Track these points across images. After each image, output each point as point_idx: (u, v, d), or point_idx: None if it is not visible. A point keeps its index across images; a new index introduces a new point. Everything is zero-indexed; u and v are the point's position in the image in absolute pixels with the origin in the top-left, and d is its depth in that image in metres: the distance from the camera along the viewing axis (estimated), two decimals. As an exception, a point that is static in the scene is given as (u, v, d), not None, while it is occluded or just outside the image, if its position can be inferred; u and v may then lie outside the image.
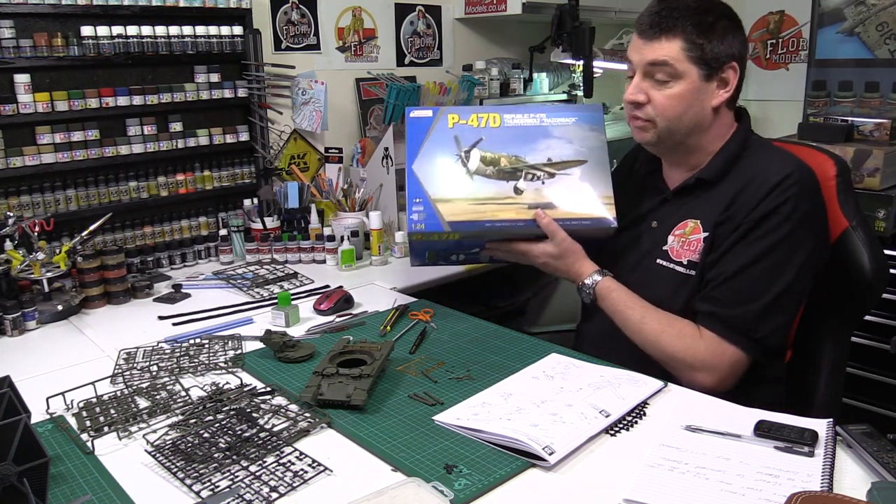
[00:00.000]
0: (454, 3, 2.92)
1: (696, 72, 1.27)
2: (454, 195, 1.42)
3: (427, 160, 1.45)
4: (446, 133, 1.47)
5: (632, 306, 1.35)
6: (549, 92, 3.17)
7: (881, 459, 0.95)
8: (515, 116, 1.47)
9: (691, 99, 1.29)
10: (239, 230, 2.13)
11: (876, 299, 1.40)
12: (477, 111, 1.49)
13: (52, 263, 1.72)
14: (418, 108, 1.51)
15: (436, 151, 1.46)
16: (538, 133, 1.46)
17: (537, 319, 2.55)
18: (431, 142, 1.46)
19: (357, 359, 1.29)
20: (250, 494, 0.94)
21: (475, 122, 1.47)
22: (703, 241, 1.31)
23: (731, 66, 1.29)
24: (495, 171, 1.43)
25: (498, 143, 1.45)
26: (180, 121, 2.11)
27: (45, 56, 1.84)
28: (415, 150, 1.46)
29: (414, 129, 1.48)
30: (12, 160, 1.82)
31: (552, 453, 0.99)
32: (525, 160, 1.44)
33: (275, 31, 2.40)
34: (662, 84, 1.29)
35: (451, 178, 1.43)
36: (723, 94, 1.31)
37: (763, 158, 1.32)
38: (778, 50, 3.23)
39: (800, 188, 1.24)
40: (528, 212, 1.41)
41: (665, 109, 1.30)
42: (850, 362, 1.46)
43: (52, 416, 1.19)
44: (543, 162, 1.44)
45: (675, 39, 1.27)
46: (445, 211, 1.41)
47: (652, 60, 1.29)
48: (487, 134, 1.46)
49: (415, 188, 1.43)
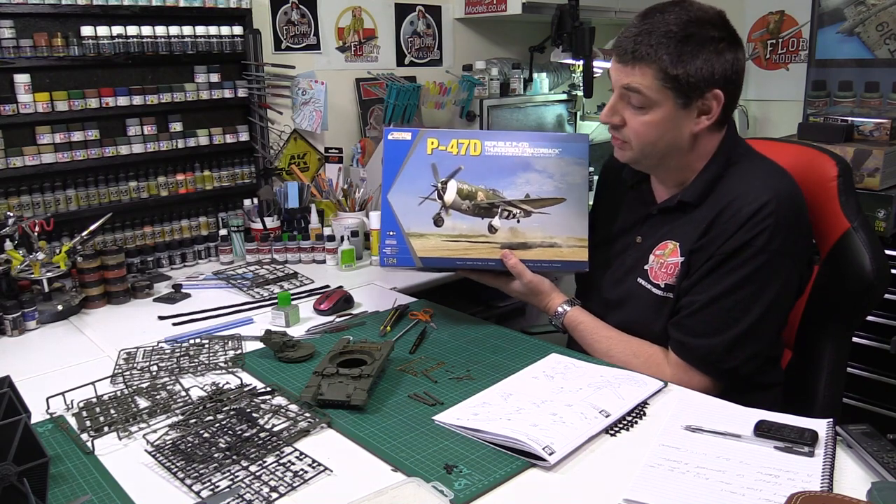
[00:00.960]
0: (454, 3, 2.92)
1: (671, 99, 1.22)
2: (427, 230, 1.42)
3: (402, 190, 1.44)
4: (424, 160, 1.44)
5: (598, 338, 1.38)
6: (549, 92, 3.17)
7: (881, 459, 0.95)
8: (497, 144, 1.44)
9: (666, 126, 1.25)
10: (239, 230, 2.13)
11: (877, 300, 1.40)
12: (458, 137, 1.46)
13: (52, 263, 1.72)
14: (397, 130, 1.47)
15: (412, 180, 1.44)
16: (519, 165, 1.44)
17: (537, 319, 2.55)
18: (408, 169, 1.44)
19: (357, 359, 1.29)
20: (250, 494, 0.94)
21: (455, 149, 1.44)
22: (680, 265, 1.30)
23: (712, 93, 1.22)
24: (471, 207, 1.42)
25: (477, 174, 1.43)
26: (180, 121, 2.11)
27: (45, 56, 1.84)
28: (391, 177, 1.44)
29: (391, 153, 1.45)
30: (12, 160, 1.82)
31: (552, 453, 0.99)
32: (503, 195, 1.43)
33: (275, 31, 2.40)
34: (637, 109, 1.25)
35: (426, 212, 1.43)
36: (703, 122, 1.25)
37: (743, 181, 1.27)
38: (778, 50, 3.23)
39: (776, 219, 1.20)
40: (500, 251, 1.42)
41: (638, 135, 1.27)
42: (850, 362, 1.46)
43: (52, 416, 1.19)
44: (521, 198, 1.42)
45: (648, 68, 1.21)
46: (418, 246, 1.42)
47: (626, 85, 1.25)
48: (467, 163, 1.44)
49: (389, 220, 1.43)
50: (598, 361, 1.32)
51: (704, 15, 1.23)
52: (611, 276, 1.44)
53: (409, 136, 1.45)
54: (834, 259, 1.37)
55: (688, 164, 1.32)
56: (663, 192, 1.39)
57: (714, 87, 1.23)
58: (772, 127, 3.29)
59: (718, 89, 1.23)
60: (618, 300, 1.40)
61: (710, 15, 1.24)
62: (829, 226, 1.36)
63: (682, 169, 1.33)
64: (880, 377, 2.35)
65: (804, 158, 1.43)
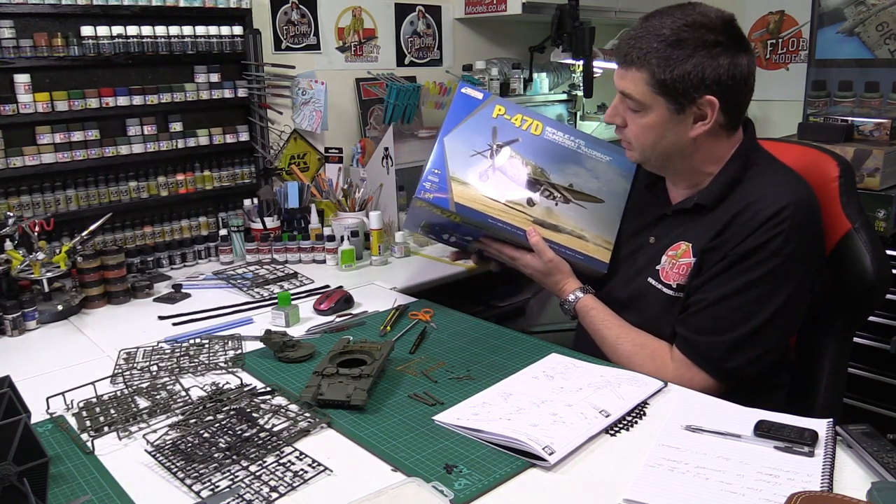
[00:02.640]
0: (454, 3, 2.92)
1: (663, 104, 1.23)
2: (471, 181, 1.42)
3: (460, 139, 1.45)
4: (488, 121, 1.47)
5: (609, 325, 1.37)
6: (549, 92, 3.17)
7: (881, 459, 0.95)
8: (557, 133, 1.48)
9: (662, 130, 1.26)
10: (239, 230, 2.13)
11: (879, 301, 1.40)
12: (524, 113, 1.49)
13: (52, 263, 1.72)
14: (471, 87, 1.50)
15: (471, 134, 1.45)
16: (571, 157, 1.47)
17: (537, 319, 2.55)
18: (471, 123, 1.46)
19: (357, 359, 1.29)
20: (250, 494, 0.94)
21: (518, 122, 1.47)
22: (692, 265, 1.30)
23: (704, 99, 1.21)
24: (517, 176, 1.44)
25: (530, 151, 1.46)
26: (180, 121, 2.11)
27: (45, 56, 1.84)
28: (452, 124, 1.46)
29: (459, 105, 1.47)
30: (12, 160, 1.82)
31: (552, 453, 0.99)
32: (549, 177, 1.45)
33: (275, 31, 2.40)
34: (634, 112, 1.28)
35: (475, 165, 1.43)
36: (700, 128, 1.25)
37: (761, 184, 1.27)
38: (778, 50, 3.23)
39: (792, 223, 1.20)
40: (530, 224, 1.43)
41: (637, 137, 1.30)
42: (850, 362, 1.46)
43: (52, 416, 1.19)
44: (565, 185, 1.44)
45: (639, 73, 1.23)
46: (457, 192, 1.41)
47: (621, 90, 1.28)
48: (525, 137, 1.46)
49: (438, 159, 1.43)
50: (598, 361, 1.32)
51: (704, 19, 1.21)
52: (622, 276, 1.44)
53: (481, 96, 1.48)
54: (835, 260, 1.37)
55: (696, 167, 1.32)
56: (678, 194, 1.40)
57: (706, 93, 1.21)
58: (772, 127, 3.28)
59: (712, 95, 1.21)
60: (628, 300, 1.40)
61: (710, 18, 1.22)
62: (831, 226, 1.36)
63: (692, 172, 1.33)
64: (880, 377, 2.35)
65: (806, 159, 1.43)
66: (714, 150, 1.30)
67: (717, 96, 1.22)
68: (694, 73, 1.20)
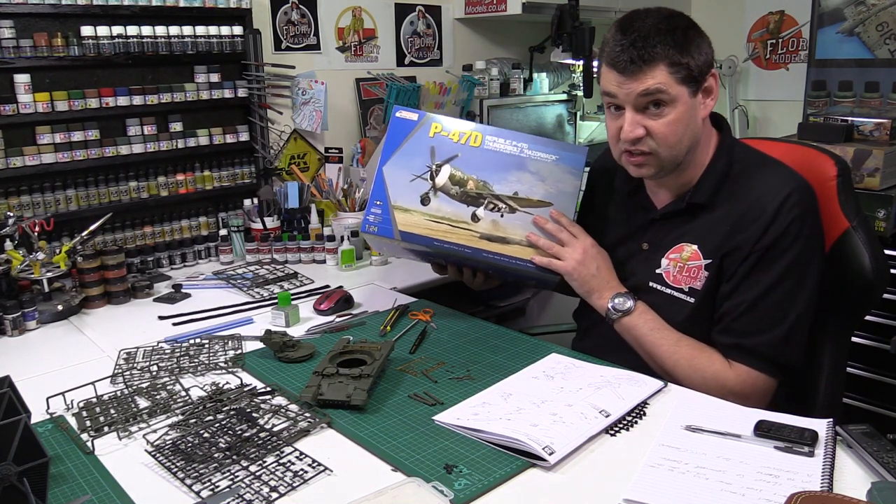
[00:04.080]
0: (454, 3, 2.92)
1: (685, 92, 1.24)
2: (413, 207, 1.43)
3: (398, 164, 1.46)
4: (425, 141, 1.46)
5: (669, 328, 1.31)
6: (549, 92, 3.17)
7: (881, 459, 0.95)
8: (497, 140, 1.45)
9: (687, 119, 1.25)
10: (239, 230, 2.13)
11: (877, 300, 1.40)
12: (461, 126, 1.47)
13: (52, 263, 1.72)
14: (405, 110, 1.50)
15: (410, 158, 1.46)
16: (514, 163, 1.44)
17: (537, 319, 2.56)
18: (408, 147, 1.46)
19: (357, 359, 1.29)
20: (250, 494, 0.94)
21: (456, 137, 1.45)
22: (705, 268, 1.29)
23: (711, 73, 1.27)
24: (459, 193, 1.43)
25: (472, 164, 1.44)
26: (180, 121, 2.11)
27: (45, 56, 1.85)
28: (389, 151, 1.47)
29: (395, 130, 1.48)
30: (12, 160, 1.82)
31: (552, 453, 0.99)
32: (492, 188, 1.43)
33: (275, 31, 2.40)
34: (657, 112, 1.24)
35: (415, 191, 1.44)
36: (710, 103, 1.29)
37: (758, 178, 1.29)
38: (778, 50, 3.23)
39: (801, 207, 1.23)
40: (479, 240, 1.42)
41: (667, 137, 1.25)
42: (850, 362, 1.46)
43: (52, 416, 1.19)
44: (509, 194, 1.43)
45: (659, 66, 1.21)
46: (401, 220, 1.43)
47: (643, 91, 1.22)
48: (465, 152, 1.45)
49: (379, 190, 1.46)
50: (598, 361, 1.32)
51: (672, 11, 1.27)
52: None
53: (416, 117, 1.48)
54: (834, 259, 1.37)
55: (695, 158, 1.32)
56: (663, 198, 1.38)
57: (712, 67, 1.27)
58: (772, 127, 3.28)
59: (713, 69, 1.28)
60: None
61: (674, 10, 1.27)
62: (829, 225, 1.36)
63: (690, 167, 1.32)
64: (880, 377, 2.35)
65: (804, 158, 1.43)
66: (706, 135, 1.33)
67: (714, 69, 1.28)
68: (703, 51, 1.25)
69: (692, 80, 1.24)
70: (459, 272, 1.54)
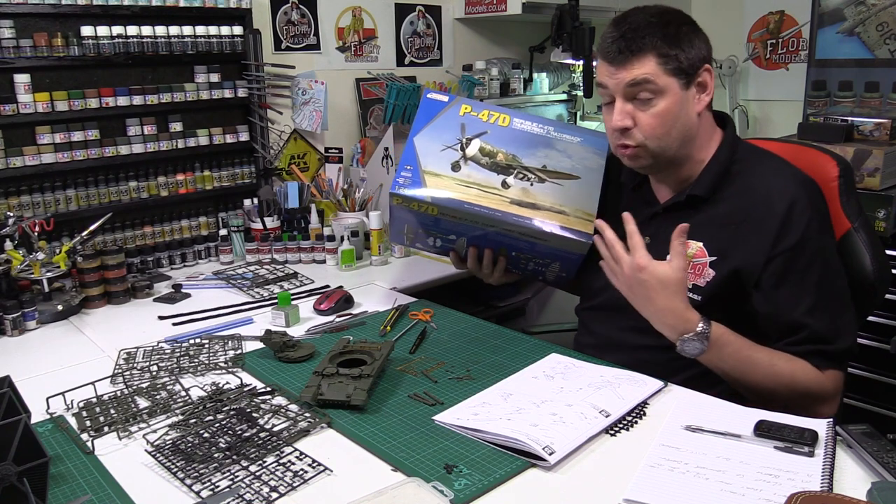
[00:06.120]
0: (454, 3, 2.92)
1: (675, 83, 1.25)
2: (443, 172, 1.44)
3: (429, 137, 1.48)
4: (455, 119, 1.49)
5: (756, 346, 1.22)
6: (549, 92, 3.17)
7: (881, 459, 0.95)
8: (524, 122, 1.49)
9: (677, 111, 1.26)
10: (239, 230, 2.13)
11: (879, 300, 1.40)
12: (490, 108, 1.51)
13: (52, 263, 1.72)
14: (436, 93, 1.53)
15: (440, 132, 1.48)
16: (541, 142, 1.48)
17: (537, 319, 2.55)
18: (439, 122, 1.49)
19: (357, 359, 1.29)
20: (250, 494, 0.94)
21: (485, 117, 1.49)
22: (710, 265, 1.29)
23: (705, 68, 1.27)
24: (489, 163, 1.46)
25: (500, 141, 1.47)
26: (180, 121, 2.11)
27: (45, 56, 1.84)
28: (421, 125, 1.49)
29: (426, 108, 1.51)
30: (12, 160, 1.82)
31: (552, 453, 0.99)
32: (521, 161, 1.46)
33: (275, 31, 2.40)
34: (646, 103, 1.25)
35: (446, 158, 1.46)
36: (704, 98, 1.29)
37: (762, 175, 1.30)
38: (778, 50, 3.23)
39: (813, 206, 1.25)
40: (509, 205, 1.42)
41: (654, 129, 1.26)
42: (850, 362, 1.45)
43: (52, 416, 1.19)
44: (538, 167, 1.45)
45: (647, 56, 1.24)
46: (431, 183, 1.43)
47: (631, 81, 1.24)
48: (493, 129, 1.48)
49: (409, 156, 1.46)
50: (598, 361, 1.32)
51: (669, 8, 1.29)
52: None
53: (446, 99, 1.51)
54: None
55: (693, 153, 1.32)
56: (665, 192, 1.39)
57: (705, 63, 1.28)
58: (772, 127, 3.28)
59: (708, 64, 1.29)
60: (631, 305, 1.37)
61: (671, 8, 1.30)
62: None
63: (689, 161, 1.33)
64: (880, 377, 2.35)
65: (805, 159, 1.43)
66: (707, 131, 1.33)
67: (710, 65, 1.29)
68: (696, 45, 1.26)
69: (682, 72, 1.25)
70: (478, 262, 1.53)
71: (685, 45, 1.25)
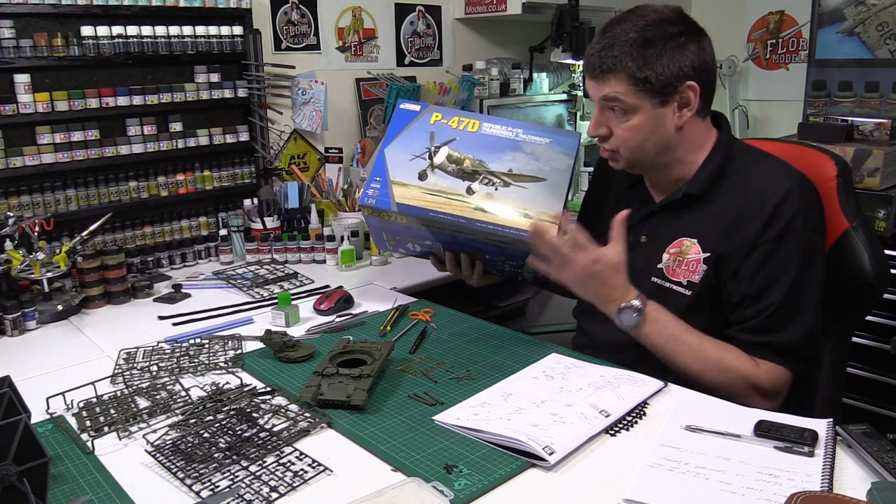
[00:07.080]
0: (454, 3, 2.92)
1: (647, 102, 1.25)
2: (410, 182, 1.46)
3: (400, 147, 1.50)
4: (425, 128, 1.52)
5: (689, 329, 1.27)
6: (549, 92, 3.17)
7: (881, 459, 0.95)
8: (494, 126, 1.51)
9: (650, 127, 1.27)
10: (239, 230, 2.13)
11: (877, 300, 1.40)
12: (460, 115, 1.53)
13: (52, 263, 1.72)
14: (409, 102, 1.56)
15: (411, 142, 1.51)
16: (509, 145, 1.49)
17: (537, 319, 2.55)
18: (410, 132, 1.52)
19: (357, 359, 1.30)
20: (250, 494, 0.94)
21: (455, 124, 1.52)
22: (703, 261, 1.30)
23: (687, 85, 1.25)
24: (455, 170, 1.47)
25: (468, 147, 1.49)
26: (180, 121, 2.11)
27: (45, 56, 1.84)
28: (392, 136, 1.52)
29: (398, 119, 1.53)
30: (12, 160, 1.82)
31: (552, 453, 0.99)
32: (487, 166, 1.47)
33: (275, 31, 2.40)
34: (620, 116, 1.28)
35: (414, 168, 1.48)
36: (686, 114, 1.28)
37: (756, 173, 1.30)
38: (778, 50, 3.23)
39: (803, 202, 1.24)
40: (473, 211, 1.43)
41: (626, 141, 1.29)
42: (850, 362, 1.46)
43: (52, 416, 1.19)
44: (504, 171, 1.46)
45: (619, 75, 1.24)
46: (398, 193, 1.46)
47: (603, 96, 1.28)
48: (462, 136, 1.50)
49: (380, 168, 1.49)
50: (598, 361, 1.32)
51: (660, 16, 1.26)
52: None
53: (418, 108, 1.54)
54: (834, 259, 1.37)
55: (681, 157, 1.33)
56: (661, 191, 1.40)
57: (686, 80, 1.25)
58: (772, 127, 3.28)
59: (692, 80, 1.26)
60: None
61: (665, 14, 1.27)
62: (829, 226, 1.36)
63: (677, 164, 1.33)
64: (880, 377, 2.35)
65: (803, 158, 1.43)
66: (696, 138, 1.33)
67: (696, 80, 1.26)
68: (672, 65, 1.24)
69: (655, 92, 1.24)
70: (457, 265, 1.53)
71: (660, 65, 1.23)
